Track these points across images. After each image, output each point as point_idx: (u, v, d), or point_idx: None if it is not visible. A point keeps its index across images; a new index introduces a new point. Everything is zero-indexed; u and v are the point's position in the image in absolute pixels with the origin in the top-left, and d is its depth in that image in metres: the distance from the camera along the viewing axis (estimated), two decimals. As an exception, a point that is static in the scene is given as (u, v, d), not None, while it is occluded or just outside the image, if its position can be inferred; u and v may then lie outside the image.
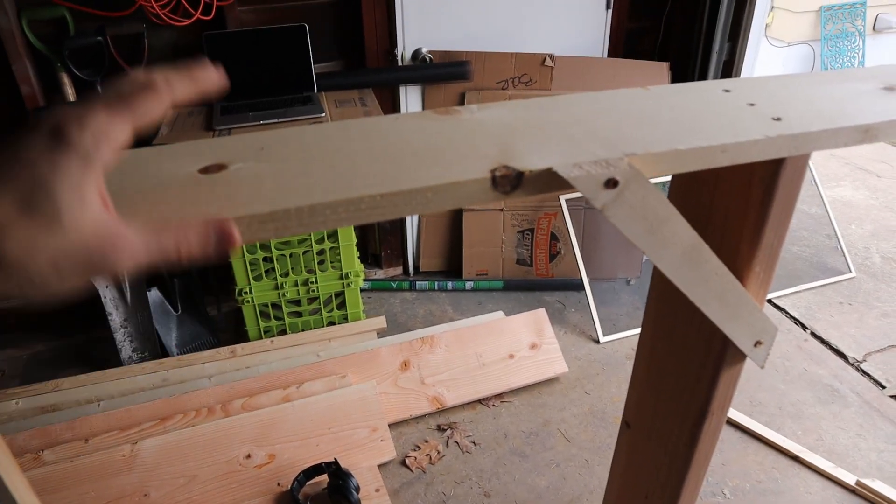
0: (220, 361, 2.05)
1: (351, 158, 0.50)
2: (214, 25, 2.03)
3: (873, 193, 3.39)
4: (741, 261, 0.66)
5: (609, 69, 2.47)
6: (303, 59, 2.10)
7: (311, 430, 1.78)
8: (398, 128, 0.55)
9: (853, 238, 2.96)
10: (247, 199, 0.44)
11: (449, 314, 2.47)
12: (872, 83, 0.70)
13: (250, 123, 1.91)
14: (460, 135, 0.53)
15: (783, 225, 0.64)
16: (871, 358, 2.24)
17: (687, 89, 0.67)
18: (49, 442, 1.71)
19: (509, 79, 2.38)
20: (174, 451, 1.70)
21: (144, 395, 1.92)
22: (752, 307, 0.65)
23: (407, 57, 2.30)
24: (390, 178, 0.46)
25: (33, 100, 1.94)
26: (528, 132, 0.54)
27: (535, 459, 1.85)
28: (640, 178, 0.50)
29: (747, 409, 2.01)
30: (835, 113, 0.60)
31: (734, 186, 0.65)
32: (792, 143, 0.56)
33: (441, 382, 2.00)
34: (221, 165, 0.50)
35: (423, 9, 2.25)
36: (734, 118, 0.58)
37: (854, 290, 2.61)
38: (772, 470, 1.81)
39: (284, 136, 0.55)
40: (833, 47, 4.79)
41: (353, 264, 2.17)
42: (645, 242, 0.54)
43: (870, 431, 1.94)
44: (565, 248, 2.58)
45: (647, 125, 0.56)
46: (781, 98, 0.64)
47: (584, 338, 2.33)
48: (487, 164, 0.48)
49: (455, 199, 0.46)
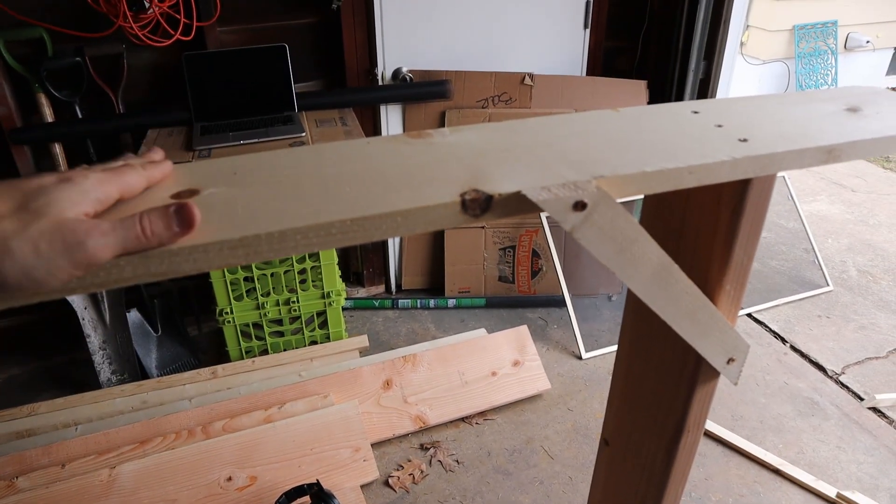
0: (200, 383, 2.03)
1: (322, 183, 0.50)
2: (194, 46, 2.03)
3: (849, 208, 3.45)
4: (712, 279, 0.67)
5: (588, 87, 2.50)
6: (283, 78, 2.10)
7: (293, 452, 1.76)
8: (370, 152, 0.56)
9: (830, 252, 3.01)
10: (218, 225, 0.45)
11: (431, 332, 2.46)
12: (836, 104, 0.72)
13: (230, 143, 1.91)
14: (431, 158, 0.54)
15: (752, 243, 0.65)
16: (849, 370, 2.26)
17: (657, 111, 0.68)
18: (24, 468, 1.68)
19: (489, 97, 2.41)
20: (154, 475, 1.67)
21: (123, 417, 1.89)
22: (724, 325, 0.66)
23: (387, 76, 2.32)
24: (361, 202, 0.47)
25: (10, 120, 1.92)
26: (499, 155, 0.55)
27: (519, 477, 1.85)
28: (609, 200, 0.51)
29: (729, 424, 2.02)
30: (799, 134, 0.62)
31: (703, 206, 0.66)
32: (757, 164, 0.57)
33: (424, 401, 1.99)
34: (193, 191, 0.50)
35: (402, 28, 2.27)
36: (702, 140, 0.59)
37: (832, 303, 2.64)
38: (754, 484, 1.82)
39: (257, 160, 0.55)
40: (807, 65, 4.89)
41: (334, 283, 2.17)
42: (615, 263, 0.55)
43: (849, 444, 1.96)
44: (547, 264, 2.59)
45: (616, 147, 0.57)
46: (748, 119, 0.65)
47: (566, 354, 2.34)
48: (457, 188, 0.48)
49: (425, 222, 0.47)
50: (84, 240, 0.40)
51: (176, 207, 0.43)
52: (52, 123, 1.97)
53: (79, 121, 1.99)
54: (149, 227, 0.42)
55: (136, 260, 0.42)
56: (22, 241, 0.39)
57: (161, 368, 2.20)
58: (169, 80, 2.11)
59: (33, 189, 0.42)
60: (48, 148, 2.00)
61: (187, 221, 0.43)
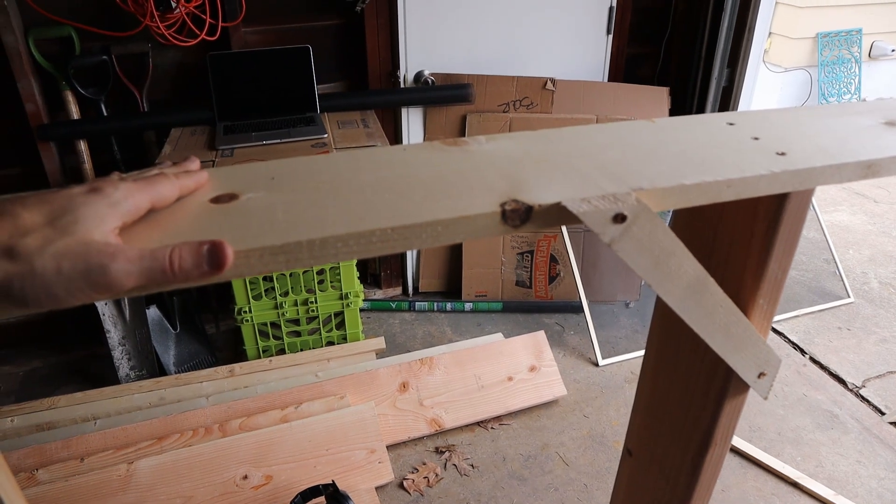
0: (218, 381, 2.04)
1: (361, 190, 0.50)
2: (219, 46, 2.05)
3: (871, 219, 3.41)
4: (745, 293, 0.66)
5: (609, 93, 2.49)
6: (306, 80, 2.12)
7: (308, 452, 1.77)
8: (406, 159, 0.56)
9: (851, 263, 2.97)
10: (259, 231, 0.45)
11: (448, 335, 2.46)
12: (873, 118, 0.71)
13: (253, 143, 1.92)
14: (469, 167, 0.54)
15: (787, 258, 0.64)
16: (870, 384, 2.23)
17: (692, 122, 0.68)
18: (44, 461, 1.70)
19: (510, 102, 2.40)
20: (170, 472, 1.68)
21: (141, 413, 1.91)
22: (757, 339, 0.65)
23: (409, 79, 2.33)
24: (401, 211, 0.47)
25: (37, 117, 1.95)
26: (536, 165, 0.54)
27: (534, 483, 1.84)
28: (648, 212, 0.50)
29: (746, 435, 2.01)
30: (838, 148, 0.61)
31: (738, 219, 0.66)
32: (796, 179, 0.56)
33: (439, 404, 1.99)
34: (233, 195, 0.50)
35: (425, 32, 2.27)
36: (739, 152, 0.59)
37: (853, 315, 2.61)
38: (771, 496, 1.80)
39: (294, 165, 0.55)
40: (830, 73, 4.84)
41: (352, 284, 2.17)
42: (651, 275, 0.54)
43: (870, 458, 1.93)
44: (565, 270, 2.58)
45: (653, 159, 0.57)
46: (785, 132, 0.65)
47: (582, 360, 2.33)
48: (497, 198, 0.48)
49: (465, 232, 0.46)
50: (108, 264, 0.39)
51: (209, 246, 0.42)
52: (78, 121, 2.00)
53: (104, 118, 2.02)
54: (177, 263, 0.41)
55: None
56: (45, 258, 0.38)
57: (179, 365, 2.22)
58: (193, 80, 2.13)
59: (62, 202, 0.41)
60: (73, 145, 2.03)
61: (218, 262, 0.42)
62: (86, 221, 0.40)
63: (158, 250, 0.41)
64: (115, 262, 0.39)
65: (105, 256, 0.39)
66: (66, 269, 0.38)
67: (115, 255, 0.40)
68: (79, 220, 0.40)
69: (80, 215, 0.41)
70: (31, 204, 0.41)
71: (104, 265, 0.39)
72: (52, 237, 0.39)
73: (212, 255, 0.41)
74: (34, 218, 0.40)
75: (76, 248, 0.39)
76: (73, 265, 0.39)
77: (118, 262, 0.40)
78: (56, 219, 0.40)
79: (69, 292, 0.39)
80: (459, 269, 2.60)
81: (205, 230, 0.45)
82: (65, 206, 0.41)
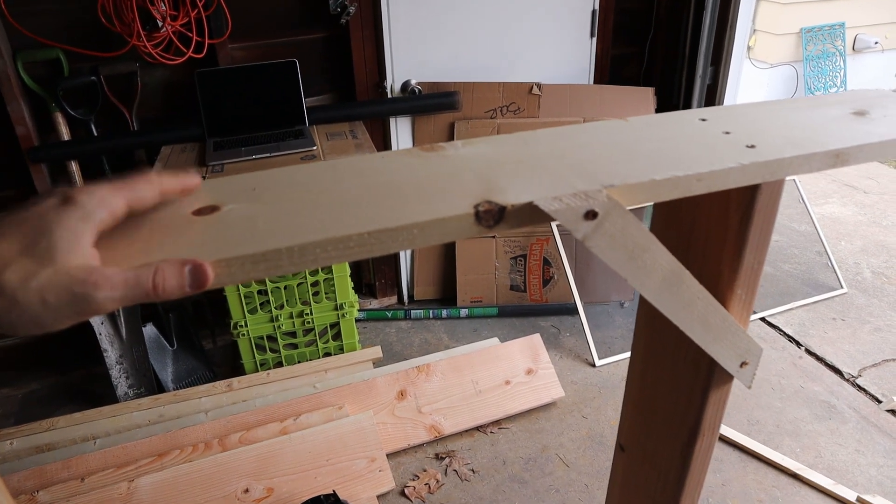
0: (216, 395, 2.05)
1: (339, 197, 0.51)
2: (206, 63, 2.07)
3: (861, 209, 3.43)
4: (723, 284, 0.67)
5: (595, 95, 2.51)
6: (294, 93, 2.13)
7: (309, 463, 1.77)
8: (384, 166, 0.57)
9: (843, 254, 2.99)
10: (239, 240, 0.46)
11: (444, 342, 2.47)
12: (843, 108, 0.72)
13: (243, 158, 1.93)
14: (445, 171, 0.55)
15: (762, 248, 0.65)
16: (866, 373, 2.25)
17: (665, 120, 0.69)
18: (44, 482, 1.70)
19: (497, 108, 2.42)
20: (172, 488, 1.69)
21: (141, 431, 1.91)
22: (736, 329, 0.66)
23: (396, 89, 2.34)
24: (377, 215, 0.48)
25: (28, 140, 1.96)
26: (511, 167, 0.56)
27: (535, 486, 1.85)
28: (619, 208, 0.52)
29: (745, 428, 2.01)
30: (807, 139, 0.62)
31: (713, 212, 0.67)
32: (765, 170, 0.58)
33: (438, 411, 2.00)
34: (214, 207, 0.51)
35: (410, 41, 2.29)
36: (710, 147, 0.60)
37: (846, 305, 2.63)
38: (772, 489, 1.81)
39: (275, 176, 0.56)
40: (815, 68, 4.88)
41: (347, 295, 2.18)
42: (626, 270, 0.55)
43: (868, 447, 1.94)
44: (558, 272, 2.60)
45: (625, 157, 0.58)
46: (756, 126, 0.66)
47: (579, 362, 2.34)
48: (471, 200, 0.49)
49: (440, 234, 0.48)
50: (92, 294, 0.39)
51: (191, 267, 0.43)
52: (68, 142, 2.01)
53: (94, 138, 2.03)
54: (161, 285, 0.42)
55: None
56: (29, 294, 0.38)
57: (177, 382, 2.22)
58: (182, 97, 2.15)
59: (35, 223, 0.40)
60: (65, 166, 2.04)
61: (200, 281, 0.43)
62: (62, 244, 0.40)
63: (142, 273, 0.42)
64: (100, 291, 0.40)
65: (88, 286, 0.39)
66: (51, 302, 0.39)
67: (98, 285, 0.40)
68: (55, 245, 0.40)
69: (55, 238, 0.40)
70: (3, 232, 0.40)
71: (88, 295, 0.39)
72: (31, 270, 0.39)
73: (194, 275, 0.43)
74: (10, 247, 0.39)
75: (58, 280, 0.39)
76: (58, 298, 0.39)
77: (102, 291, 0.40)
78: (32, 245, 0.40)
79: (56, 319, 0.40)
80: (454, 275, 2.61)
81: (186, 242, 0.46)
82: (38, 227, 0.40)
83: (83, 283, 0.39)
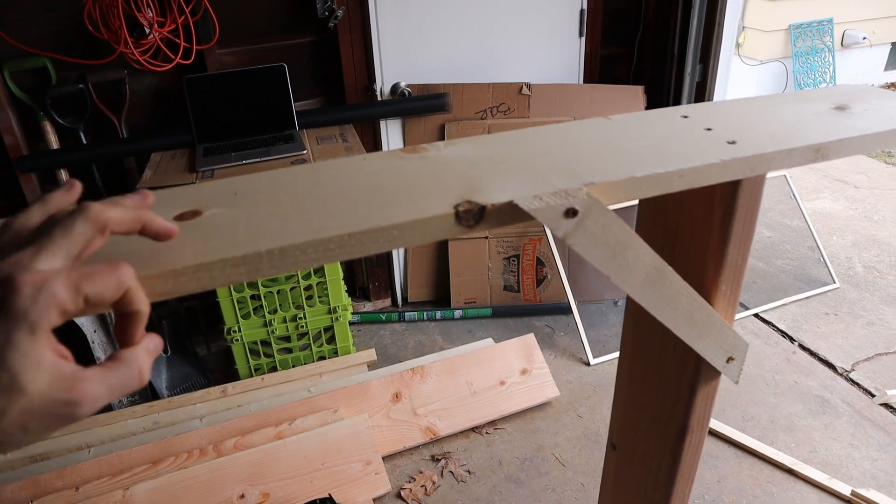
0: (211, 401, 2.04)
1: (320, 200, 0.51)
2: (195, 69, 2.06)
3: (852, 204, 3.45)
4: (708, 280, 0.68)
5: (585, 95, 2.52)
6: (283, 98, 2.13)
7: (304, 467, 1.77)
8: (367, 168, 0.57)
9: (835, 249, 3.00)
10: (220, 244, 0.46)
11: (439, 343, 2.47)
12: (825, 104, 0.73)
13: (233, 164, 1.93)
14: (426, 172, 0.55)
15: (745, 243, 0.66)
16: (859, 367, 2.26)
17: (647, 117, 0.69)
18: (39, 492, 1.69)
19: (487, 108, 2.43)
20: (167, 495, 1.68)
21: (135, 439, 1.91)
22: (722, 324, 0.67)
23: (386, 91, 2.35)
24: (358, 217, 0.48)
25: (17, 149, 1.96)
26: (492, 167, 0.56)
27: (531, 486, 1.85)
28: (599, 206, 0.52)
29: (740, 424, 2.02)
30: (788, 134, 0.63)
31: (697, 209, 0.67)
32: (746, 165, 0.58)
33: (433, 412, 2.00)
34: (196, 212, 0.51)
35: (399, 44, 2.30)
36: (691, 143, 0.61)
37: (839, 300, 2.64)
38: (767, 484, 1.82)
39: (257, 180, 0.56)
40: (804, 63, 4.91)
41: (340, 298, 2.18)
42: (608, 268, 0.56)
43: (862, 441, 1.95)
44: (551, 272, 2.60)
45: (607, 154, 0.58)
46: (738, 122, 0.66)
47: (574, 361, 2.34)
48: (451, 200, 0.49)
49: (421, 234, 0.48)
50: (74, 412, 0.37)
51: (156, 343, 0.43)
52: (57, 150, 2.00)
53: (83, 147, 2.02)
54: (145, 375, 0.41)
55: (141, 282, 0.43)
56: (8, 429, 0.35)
57: (171, 389, 2.21)
58: (171, 104, 2.14)
59: None
60: (54, 175, 2.03)
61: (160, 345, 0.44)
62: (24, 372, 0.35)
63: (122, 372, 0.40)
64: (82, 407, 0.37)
65: (70, 406, 0.37)
66: (34, 427, 0.36)
67: (79, 403, 0.37)
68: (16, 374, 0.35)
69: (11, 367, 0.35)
70: None
71: (72, 414, 0.37)
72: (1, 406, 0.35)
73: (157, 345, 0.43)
74: None
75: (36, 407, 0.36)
76: (40, 423, 0.36)
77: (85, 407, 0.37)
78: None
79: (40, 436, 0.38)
80: (447, 277, 2.61)
81: (167, 247, 0.46)
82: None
83: (64, 405, 0.37)
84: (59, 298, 0.36)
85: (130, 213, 0.42)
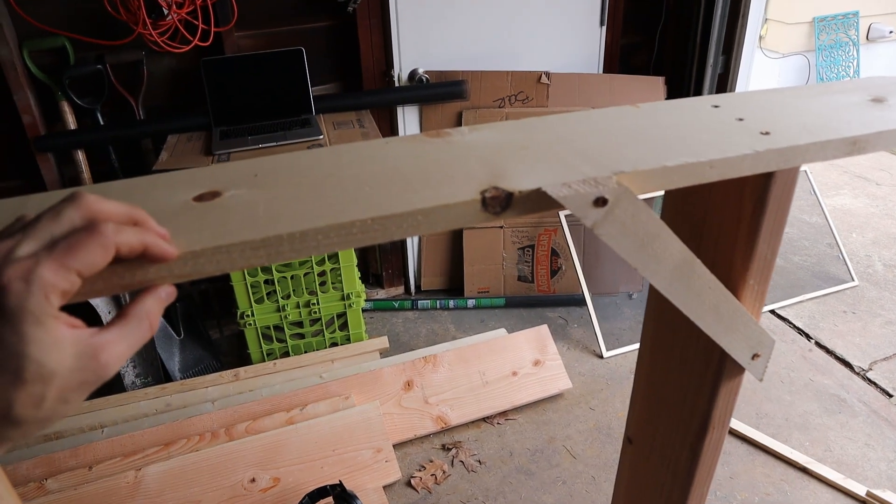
0: (223, 385, 2.05)
1: (342, 184, 0.50)
2: (212, 51, 2.06)
3: (873, 201, 3.39)
4: (735, 274, 0.66)
5: (605, 85, 2.48)
6: (300, 82, 2.12)
7: (315, 453, 1.77)
8: (389, 152, 0.56)
9: (854, 246, 2.96)
10: (239, 226, 0.45)
11: (451, 332, 2.46)
12: (860, 95, 0.71)
13: (249, 147, 1.92)
14: (450, 157, 0.54)
15: (776, 237, 0.64)
16: (876, 366, 2.22)
17: (676, 106, 0.68)
18: (52, 470, 1.71)
19: (506, 97, 2.40)
20: (178, 477, 1.69)
21: (148, 420, 1.92)
22: (748, 320, 0.65)
23: (403, 78, 2.33)
24: (381, 202, 0.47)
25: (35, 129, 1.96)
26: (518, 153, 0.54)
27: (542, 477, 1.84)
28: (630, 195, 0.50)
29: (754, 422, 2.00)
30: (822, 126, 0.61)
31: (726, 200, 0.65)
32: (780, 157, 0.56)
33: (445, 401, 1.99)
34: (215, 193, 0.50)
35: (418, 30, 2.27)
36: (723, 133, 0.59)
37: (857, 298, 2.60)
38: (780, 482, 1.80)
39: (278, 162, 0.55)
40: (828, 57, 4.82)
41: (354, 285, 2.17)
42: (636, 259, 0.54)
43: (878, 441, 1.93)
44: (566, 263, 2.58)
45: (636, 143, 0.57)
46: (769, 112, 0.64)
47: (587, 353, 2.33)
48: (477, 186, 0.48)
49: (445, 221, 0.47)
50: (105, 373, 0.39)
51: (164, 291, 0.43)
52: (74, 131, 2.00)
53: (101, 127, 2.02)
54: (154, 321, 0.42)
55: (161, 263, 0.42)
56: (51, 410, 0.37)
57: (184, 371, 2.22)
58: (188, 86, 2.14)
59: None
60: (71, 155, 2.04)
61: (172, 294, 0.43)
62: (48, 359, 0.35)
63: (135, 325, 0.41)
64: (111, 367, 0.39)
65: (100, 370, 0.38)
66: (73, 397, 0.38)
67: (107, 365, 0.38)
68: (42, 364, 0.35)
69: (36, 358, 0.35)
70: None
71: (103, 376, 0.38)
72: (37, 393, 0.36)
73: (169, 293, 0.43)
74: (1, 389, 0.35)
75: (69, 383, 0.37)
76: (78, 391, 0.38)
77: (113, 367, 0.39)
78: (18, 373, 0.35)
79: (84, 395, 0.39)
80: (461, 266, 2.60)
81: (186, 228, 0.45)
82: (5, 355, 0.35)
83: (94, 371, 0.38)
84: (50, 282, 0.35)
85: (124, 209, 0.41)
